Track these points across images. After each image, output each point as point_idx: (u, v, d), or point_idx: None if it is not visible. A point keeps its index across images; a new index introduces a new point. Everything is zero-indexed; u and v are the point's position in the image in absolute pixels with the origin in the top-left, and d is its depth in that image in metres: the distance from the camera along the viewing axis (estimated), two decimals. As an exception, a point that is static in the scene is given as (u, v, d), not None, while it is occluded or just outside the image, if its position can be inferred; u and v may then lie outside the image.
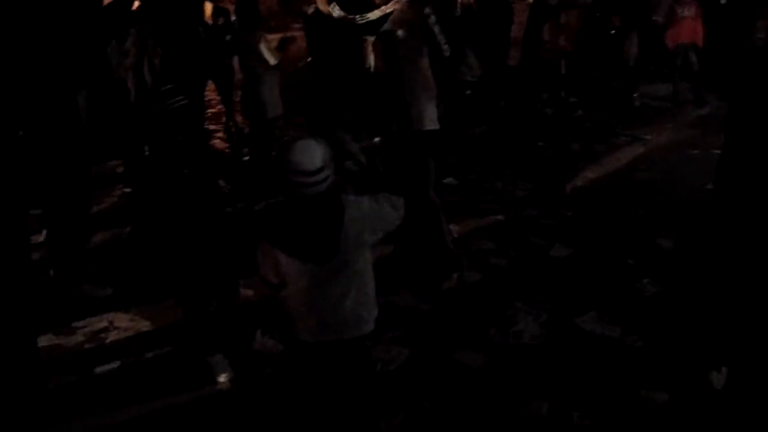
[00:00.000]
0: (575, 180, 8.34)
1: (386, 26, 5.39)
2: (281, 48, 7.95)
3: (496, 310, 5.31)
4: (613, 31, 12.39)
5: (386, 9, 5.31)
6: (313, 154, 3.08)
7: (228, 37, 10.06)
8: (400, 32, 5.34)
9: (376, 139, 8.49)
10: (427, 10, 5.32)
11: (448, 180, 8.27)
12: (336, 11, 5.41)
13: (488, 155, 9.44)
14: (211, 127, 11.41)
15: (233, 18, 10.60)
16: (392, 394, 4.33)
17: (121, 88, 7.53)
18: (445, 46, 5.40)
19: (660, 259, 6.07)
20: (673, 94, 12.34)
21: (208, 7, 10.64)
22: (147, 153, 8.52)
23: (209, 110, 12.02)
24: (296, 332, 3.29)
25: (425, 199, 5.58)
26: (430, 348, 4.85)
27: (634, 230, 6.72)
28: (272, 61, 7.68)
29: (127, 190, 8.15)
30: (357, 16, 5.39)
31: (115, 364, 4.88)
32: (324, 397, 3.37)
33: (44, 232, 6.05)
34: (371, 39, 5.65)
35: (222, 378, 4.53)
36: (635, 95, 12.24)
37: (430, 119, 5.46)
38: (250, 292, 5.22)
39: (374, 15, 5.36)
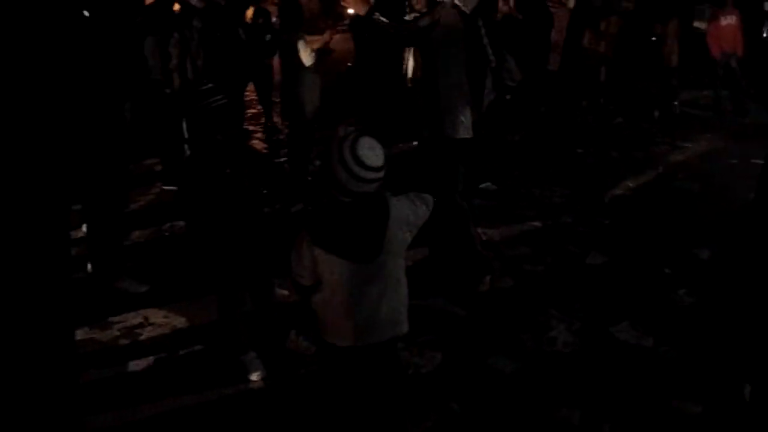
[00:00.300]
0: (613, 188, 8.30)
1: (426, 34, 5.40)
2: (321, 50, 7.98)
3: (530, 316, 5.30)
4: (653, 38, 12.32)
5: (432, 18, 5.32)
6: (380, 151, 3.11)
7: (268, 38, 10.10)
8: (439, 40, 5.35)
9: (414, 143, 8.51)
10: (479, 22, 5.34)
11: (486, 185, 8.27)
12: (384, 20, 5.42)
13: (526, 161, 9.42)
14: (250, 127, 11.47)
15: (273, 19, 10.66)
16: (423, 397, 4.33)
17: (159, 88, 7.62)
18: (492, 57, 5.43)
19: (697, 270, 6.02)
20: (714, 102, 12.27)
21: (250, 9, 10.70)
22: (187, 152, 8.62)
23: (248, 111, 12.10)
24: (329, 336, 3.30)
25: (453, 204, 5.60)
26: (463, 352, 4.85)
27: (672, 239, 6.69)
28: (308, 62, 7.71)
29: (166, 188, 8.21)
30: (407, 22, 5.40)
31: (149, 360, 4.92)
32: (355, 400, 3.39)
33: (84, 227, 6.12)
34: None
35: (254, 377, 4.56)
36: (675, 103, 12.19)
37: (465, 127, 5.47)
38: (285, 292, 5.23)
39: (426, 22, 5.36)
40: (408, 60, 5.57)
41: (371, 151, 3.07)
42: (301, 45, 7.78)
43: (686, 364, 4.66)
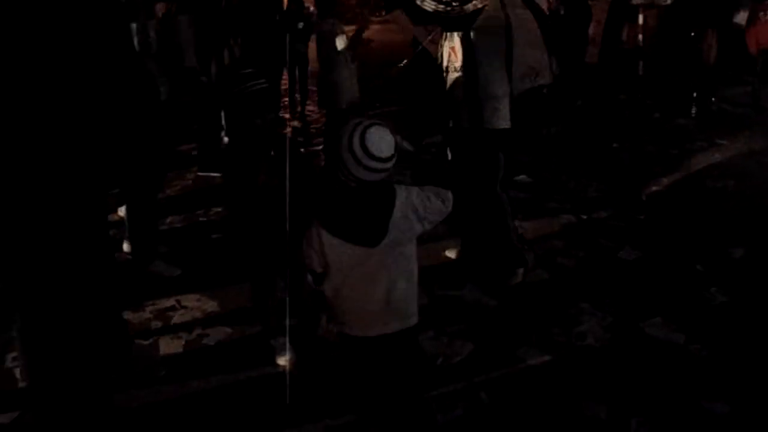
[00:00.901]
0: (648, 183, 8.29)
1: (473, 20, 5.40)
2: (355, 38, 8.01)
3: (561, 309, 5.31)
4: (692, 33, 12.25)
5: (478, 4, 5.31)
6: (390, 141, 3.12)
7: (300, 25, 10.16)
8: (483, 30, 5.36)
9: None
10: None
11: (521, 177, 8.30)
12: (429, 4, 5.40)
13: (562, 154, 9.42)
14: (286, 116, 11.54)
15: (311, 8, 10.72)
16: (453, 386, 4.38)
17: (195, 76, 7.69)
18: None
19: (730, 268, 5.99)
20: (753, 99, 12.17)
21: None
22: (224, 139, 8.71)
23: (283, 99, 12.18)
24: (339, 325, 3.35)
25: (493, 195, 5.65)
26: (494, 343, 4.87)
27: (706, 237, 6.67)
28: (340, 46, 7.75)
29: (202, 174, 8.29)
30: (453, 7, 5.36)
31: (180, 342, 5.01)
32: (369, 388, 3.44)
33: (120, 210, 6.21)
34: (452, 35, 5.61)
35: (283, 362, 4.60)
36: (713, 99, 12.10)
37: (503, 118, 5.48)
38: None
39: (471, 7, 5.34)
40: (444, 47, 5.52)
41: (381, 142, 3.09)
42: (334, 32, 7.83)
43: (717, 363, 4.64)
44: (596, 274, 5.96)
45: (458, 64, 5.53)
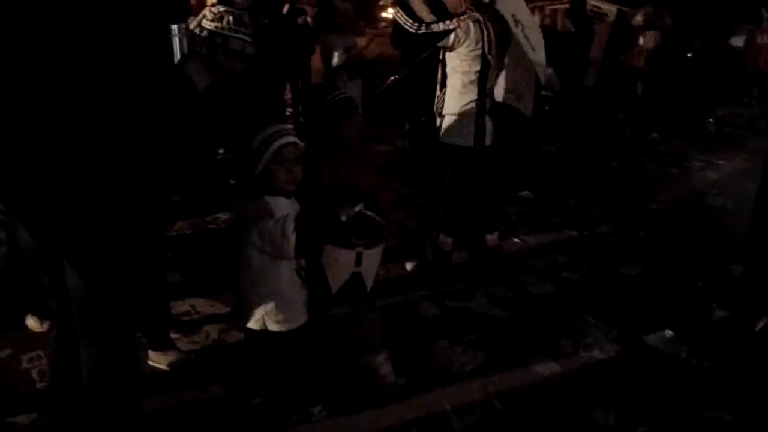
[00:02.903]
0: (648, 201, 8.48)
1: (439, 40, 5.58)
2: (351, 53, 8.05)
3: (568, 321, 5.47)
4: (689, 54, 12.43)
5: (450, 25, 5.50)
6: None
7: (302, 37, 10.21)
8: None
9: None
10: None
11: (524, 193, 8.51)
12: (401, 18, 5.61)
13: (562, 172, 9.59)
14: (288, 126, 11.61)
15: (305, 17, 10.75)
16: (467, 394, 4.51)
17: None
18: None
19: (729, 284, 6.17)
20: (749, 120, 12.34)
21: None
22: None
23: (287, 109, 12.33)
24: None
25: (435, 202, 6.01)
26: (505, 353, 5.00)
27: (705, 254, 6.86)
28: (336, 62, 7.82)
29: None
30: (420, 25, 5.55)
31: (196, 346, 5.11)
32: None
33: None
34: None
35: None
36: (710, 120, 12.26)
37: (459, 134, 5.68)
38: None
39: (436, 28, 5.54)
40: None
41: None
42: (331, 46, 7.91)
43: (718, 374, 4.81)
44: (600, 288, 6.13)
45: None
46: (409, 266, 6.38)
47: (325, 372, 4.57)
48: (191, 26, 4.22)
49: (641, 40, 11.42)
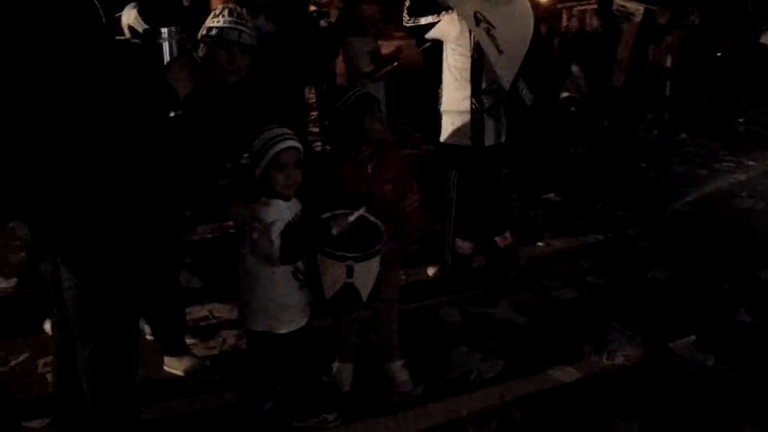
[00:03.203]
0: (676, 203, 8.33)
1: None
2: (379, 58, 7.97)
3: (592, 327, 5.37)
4: (718, 53, 12.27)
5: (431, 19, 5.55)
6: None
7: (327, 40, 10.16)
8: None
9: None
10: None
11: (550, 195, 8.40)
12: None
13: (590, 174, 9.46)
14: (314, 130, 11.61)
15: (328, 20, 10.68)
16: (486, 402, 4.44)
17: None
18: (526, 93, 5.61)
19: (758, 290, 6.04)
20: (780, 120, 12.19)
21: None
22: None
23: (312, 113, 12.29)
24: None
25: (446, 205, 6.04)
26: (526, 360, 4.92)
27: (734, 258, 6.72)
28: (365, 68, 7.75)
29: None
30: (410, 18, 5.62)
31: (213, 351, 5.10)
32: None
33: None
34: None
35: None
36: (740, 120, 12.11)
37: (457, 134, 5.69)
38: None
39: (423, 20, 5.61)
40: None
41: None
42: (355, 50, 7.83)
43: (746, 384, 4.67)
44: (626, 293, 6.01)
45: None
46: (431, 271, 6.33)
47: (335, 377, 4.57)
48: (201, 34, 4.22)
49: (668, 40, 11.29)
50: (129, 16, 4.05)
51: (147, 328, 5.07)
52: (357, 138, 4.15)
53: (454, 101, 5.66)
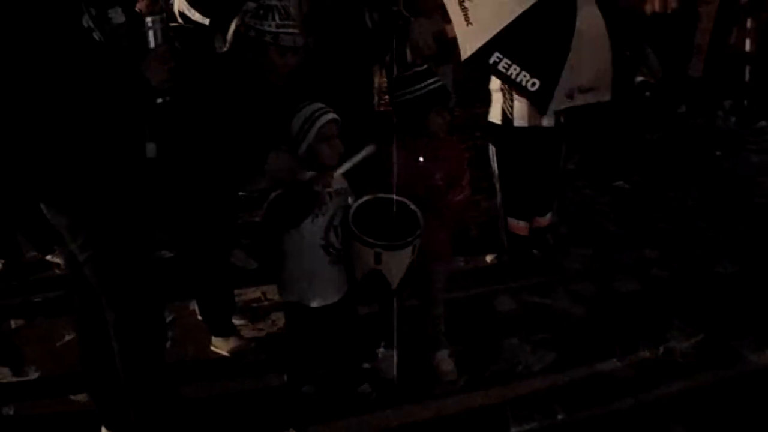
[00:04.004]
0: (750, 194, 8.02)
1: None
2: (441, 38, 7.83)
3: (650, 323, 5.18)
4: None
5: None
6: None
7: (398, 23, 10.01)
8: None
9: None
10: None
11: (619, 183, 8.16)
12: None
13: (662, 161, 9.18)
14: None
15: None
16: (530, 397, 4.35)
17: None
18: None
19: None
20: None
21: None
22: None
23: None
24: None
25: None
26: (577, 354, 4.78)
27: (809, 253, 6.41)
28: (427, 51, 7.62)
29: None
30: None
31: (262, 333, 5.14)
32: None
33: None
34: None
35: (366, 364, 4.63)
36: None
37: (494, 112, 5.85)
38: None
39: None
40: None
41: None
42: (421, 32, 7.69)
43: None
44: (690, 287, 5.78)
45: None
46: (489, 258, 6.25)
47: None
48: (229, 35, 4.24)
49: (749, 23, 10.90)
50: (180, 4, 4.07)
51: (196, 308, 5.10)
52: (416, 128, 4.16)
53: (494, 81, 5.73)
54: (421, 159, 4.14)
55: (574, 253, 6.36)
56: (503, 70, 5.23)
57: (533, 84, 5.21)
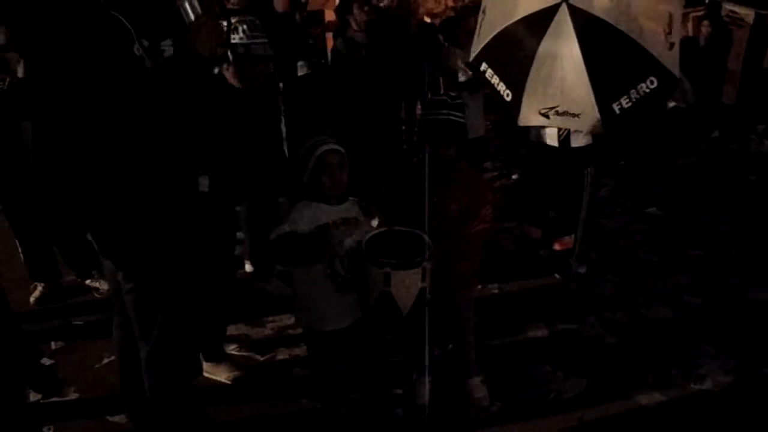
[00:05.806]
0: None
1: None
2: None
3: (682, 350, 5.18)
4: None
5: None
6: None
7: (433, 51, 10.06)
8: None
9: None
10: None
11: (651, 209, 8.15)
12: None
13: (696, 187, 9.15)
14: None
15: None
16: (559, 426, 4.35)
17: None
18: None
19: None
20: None
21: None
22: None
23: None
24: None
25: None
26: (609, 382, 4.79)
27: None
28: (462, 78, 7.66)
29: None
30: None
31: (295, 357, 5.17)
32: None
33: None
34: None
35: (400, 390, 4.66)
36: None
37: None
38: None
39: None
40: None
41: None
42: (454, 61, 7.74)
43: None
44: (722, 314, 5.77)
45: None
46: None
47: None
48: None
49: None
50: None
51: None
52: (430, 154, 4.18)
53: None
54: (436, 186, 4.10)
55: (606, 280, 6.35)
56: (489, 79, 5.48)
57: (507, 95, 5.39)
